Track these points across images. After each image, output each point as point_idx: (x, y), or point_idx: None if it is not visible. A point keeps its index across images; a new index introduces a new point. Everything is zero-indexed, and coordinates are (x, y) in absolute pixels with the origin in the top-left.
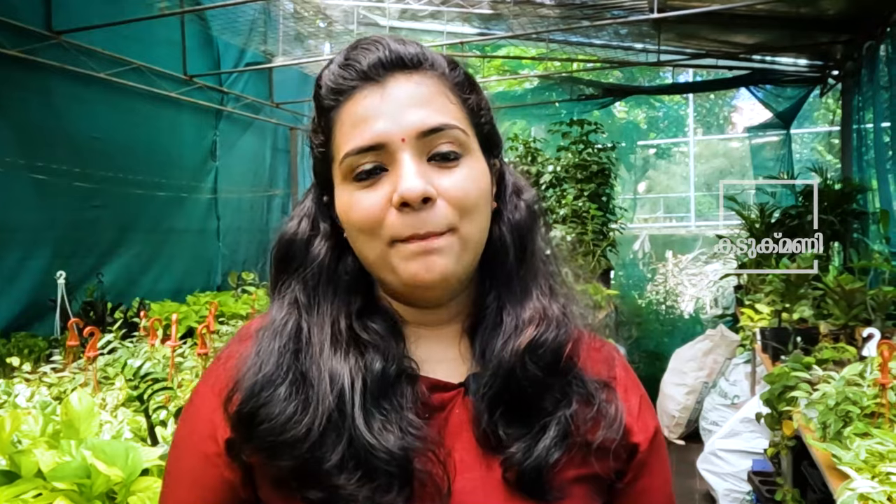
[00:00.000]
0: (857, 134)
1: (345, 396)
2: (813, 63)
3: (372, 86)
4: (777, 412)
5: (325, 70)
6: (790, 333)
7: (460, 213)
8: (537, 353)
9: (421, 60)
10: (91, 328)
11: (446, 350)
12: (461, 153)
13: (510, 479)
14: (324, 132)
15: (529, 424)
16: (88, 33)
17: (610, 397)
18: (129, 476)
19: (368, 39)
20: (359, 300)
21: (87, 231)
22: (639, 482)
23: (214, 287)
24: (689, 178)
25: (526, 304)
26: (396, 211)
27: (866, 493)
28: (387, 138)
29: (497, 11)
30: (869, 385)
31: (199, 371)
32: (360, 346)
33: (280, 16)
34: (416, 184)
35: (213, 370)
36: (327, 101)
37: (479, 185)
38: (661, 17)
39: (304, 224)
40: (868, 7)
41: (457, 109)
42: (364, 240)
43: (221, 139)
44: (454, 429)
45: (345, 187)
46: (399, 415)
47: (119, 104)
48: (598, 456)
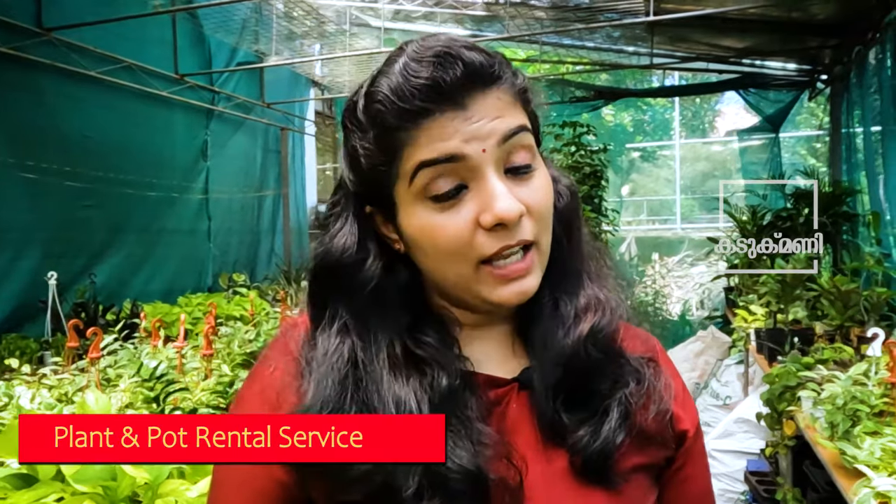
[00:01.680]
0: (846, 137)
1: None
2: (801, 67)
3: (454, 109)
4: (777, 412)
5: (384, 81)
6: (786, 334)
7: (540, 225)
8: (597, 339)
9: (498, 75)
10: (94, 329)
11: (498, 348)
12: (532, 164)
13: (576, 465)
14: (386, 153)
15: (591, 408)
16: (79, 31)
17: (655, 371)
18: (155, 478)
19: (437, 50)
20: (407, 315)
21: (77, 231)
22: (684, 469)
23: (205, 288)
24: (674, 181)
25: (580, 293)
26: (486, 231)
27: (886, 491)
28: (468, 150)
29: (491, 13)
30: (875, 384)
31: (204, 372)
32: (419, 365)
33: (272, 15)
34: (512, 204)
35: (258, 375)
36: (397, 122)
37: (550, 194)
38: (656, 21)
39: (349, 243)
40: (858, 12)
41: (526, 118)
42: (447, 262)
43: (213, 139)
44: (512, 424)
45: (419, 208)
46: (467, 427)
47: (110, 103)
48: (653, 444)
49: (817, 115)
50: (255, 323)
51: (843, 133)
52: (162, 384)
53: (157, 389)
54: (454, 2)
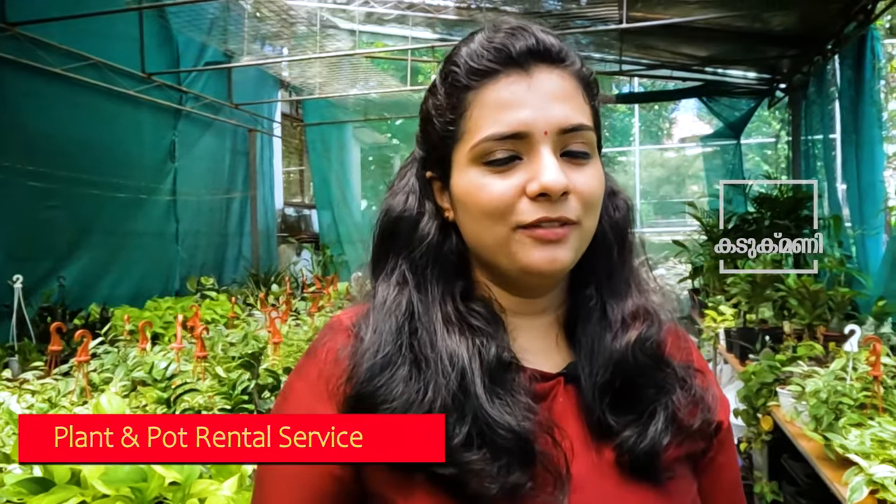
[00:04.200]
0: (804, 144)
1: (467, 376)
2: (762, 76)
3: (518, 73)
4: (754, 408)
5: (462, 48)
6: (757, 333)
7: (586, 209)
8: (644, 346)
9: (565, 56)
10: (82, 331)
11: (543, 339)
12: (589, 153)
13: (623, 463)
14: (453, 111)
15: (638, 411)
16: (45, 26)
17: (702, 381)
18: (186, 478)
19: (513, 25)
20: (461, 284)
21: (42, 233)
22: (718, 458)
23: (173, 292)
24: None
25: (628, 300)
26: (529, 200)
27: (882, 478)
28: (531, 128)
29: (462, 17)
30: (855, 379)
31: (198, 375)
32: (472, 330)
33: (242, 15)
34: (560, 177)
35: (306, 365)
36: (467, 80)
37: (602, 184)
38: (627, 28)
39: (410, 201)
40: (816, 24)
41: (589, 111)
42: (487, 223)
43: (180, 140)
44: (559, 417)
45: (473, 169)
46: (514, 398)
47: (76, 101)
48: (693, 436)
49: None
50: (241, 325)
51: (801, 140)
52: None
53: (169, 391)
54: (426, 6)
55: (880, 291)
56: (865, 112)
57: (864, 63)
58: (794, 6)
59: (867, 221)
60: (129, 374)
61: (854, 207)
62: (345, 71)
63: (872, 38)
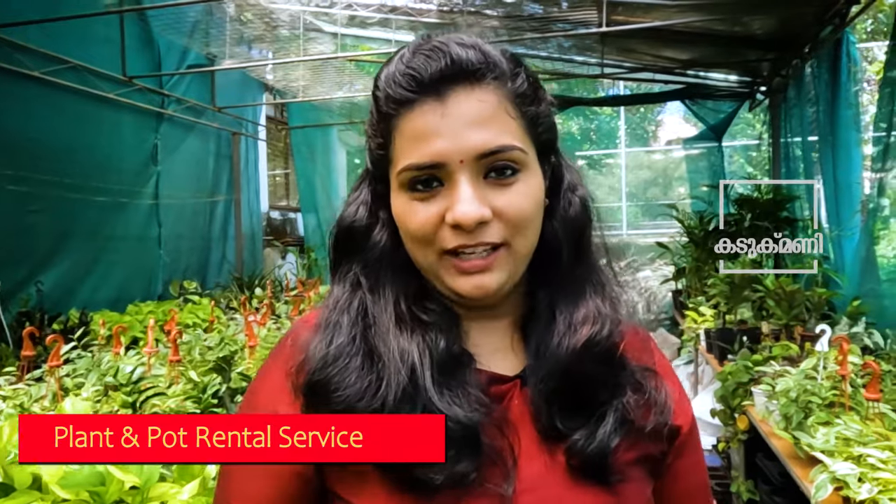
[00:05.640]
0: (784, 146)
1: (416, 371)
2: (742, 79)
3: (432, 100)
4: (731, 408)
5: (384, 71)
6: (735, 334)
7: (514, 230)
8: (593, 352)
9: (484, 72)
10: (54, 336)
11: (499, 342)
12: (518, 168)
13: (574, 465)
14: (382, 136)
15: (587, 415)
16: (23, 29)
17: (658, 384)
18: (146, 481)
19: (431, 44)
20: (415, 284)
21: (21, 238)
22: (680, 461)
23: (155, 296)
24: (619, 188)
25: (579, 304)
26: (448, 227)
27: (844, 475)
28: (446, 158)
29: (445, 21)
30: (824, 378)
31: (170, 379)
32: (423, 327)
33: (225, 18)
34: (471, 209)
35: (272, 358)
36: (386, 108)
37: (533, 200)
38: (607, 32)
39: (361, 211)
40: (794, 27)
41: (516, 125)
42: (417, 247)
43: (163, 143)
44: (515, 419)
45: (401, 194)
46: (464, 391)
47: (56, 104)
48: (648, 439)
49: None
50: (218, 329)
51: (781, 142)
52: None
53: (135, 396)
54: (409, 9)
55: (855, 291)
56: (841, 114)
57: (839, 66)
58: (772, 10)
59: (844, 222)
60: (101, 378)
61: (831, 208)
62: (329, 74)
63: (848, 41)
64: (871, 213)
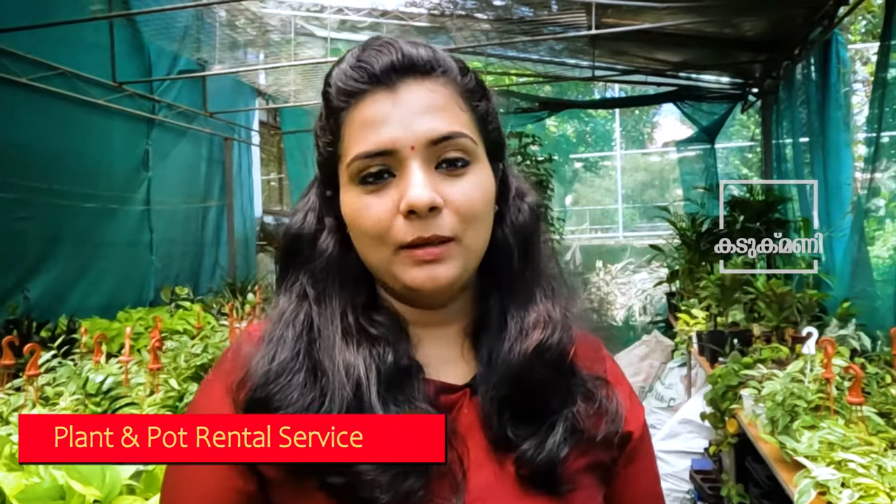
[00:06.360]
0: (776, 148)
1: (362, 386)
2: (734, 81)
3: (383, 90)
4: (721, 411)
5: (335, 69)
6: (726, 336)
7: (465, 223)
8: (544, 357)
9: (434, 66)
10: (32, 345)
11: (448, 351)
12: (469, 160)
13: (524, 475)
14: (332, 132)
15: (537, 423)
16: (12, 35)
17: (609, 393)
18: (107, 495)
19: (381, 41)
20: (363, 295)
21: (10, 244)
22: (630, 467)
23: (147, 303)
24: (615, 190)
25: (530, 308)
26: (403, 218)
27: (825, 480)
28: (396, 145)
29: (437, 25)
30: (811, 381)
31: (150, 387)
32: (370, 340)
33: (215, 23)
34: (424, 193)
35: (213, 373)
36: (337, 101)
37: (484, 193)
38: (597, 34)
39: (309, 218)
40: (785, 29)
41: (467, 117)
42: (370, 244)
43: (154, 149)
44: (464, 429)
45: (351, 189)
46: (412, 405)
47: (45, 111)
48: (598, 446)
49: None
50: (202, 336)
51: (773, 144)
52: (108, 399)
53: (105, 405)
54: (400, 13)
55: (845, 293)
56: (831, 115)
57: (829, 68)
58: (762, 12)
59: (834, 223)
60: (81, 387)
61: (822, 210)
62: (320, 78)
63: (837, 42)
64: (863, 214)
